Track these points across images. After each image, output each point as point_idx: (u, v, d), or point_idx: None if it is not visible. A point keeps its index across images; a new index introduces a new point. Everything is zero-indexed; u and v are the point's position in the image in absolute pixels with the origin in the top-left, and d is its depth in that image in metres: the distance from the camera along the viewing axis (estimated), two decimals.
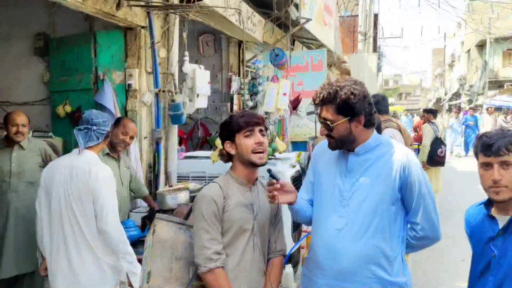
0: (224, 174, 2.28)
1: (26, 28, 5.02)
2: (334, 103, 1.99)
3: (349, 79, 2.08)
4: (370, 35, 18.76)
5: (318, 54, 7.99)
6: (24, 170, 3.68)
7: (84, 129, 2.85)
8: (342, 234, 2.03)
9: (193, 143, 6.92)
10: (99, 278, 2.81)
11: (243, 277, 2.13)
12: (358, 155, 2.07)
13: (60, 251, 2.81)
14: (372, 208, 2.01)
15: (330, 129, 2.03)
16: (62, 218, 2.78)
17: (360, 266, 2.00)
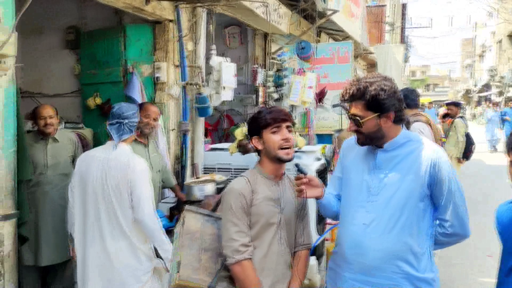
0: (252, 169, 2.31)
1: (57, 22, 5.14)
2: (364, 99, 1.99)
3: (378, 75, 2.07)
4: (397, 25, 18.44)
5: (345, 46, 7.92)
6: (59, 162, 3.79)
7: (116, 124, 2.94)
8: (369, 229, 2.04)
9: (219, 134, 6.98)
10: (135, 264, 2.92)
11: (269, 269, 2.17)
12: (386, 151, 2.07)
13: (95, 239, 2.91)
14: (400, 204, 2.01)
15: (359, 125, 2.03)
16: (99, 207, 2.89)
17: (387, 262, 2.01)
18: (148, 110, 3.78)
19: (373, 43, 14.51)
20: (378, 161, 2.08)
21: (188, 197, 3.78)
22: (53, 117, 3.77)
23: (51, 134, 3.77)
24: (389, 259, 2.00)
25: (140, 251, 2.93)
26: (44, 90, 5.19)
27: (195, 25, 4.90)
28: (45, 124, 3.70)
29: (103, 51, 4.76)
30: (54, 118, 3.78)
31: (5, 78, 2.65)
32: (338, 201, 2.27)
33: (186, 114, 4.78)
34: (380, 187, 2.05)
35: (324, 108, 7.41)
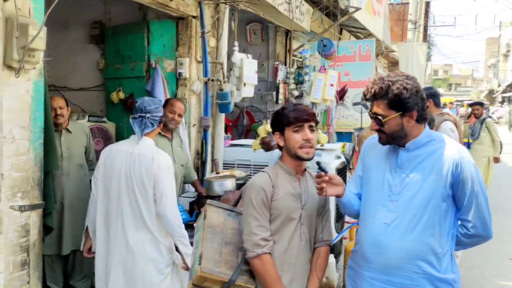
0: (274, 164, 2.33)
1: (83, 17, 5.23)
2: (386, 98, 1.97)
3: (401, 74, 2.05)
4: (420, 23, 18.19)
5: (366, 44, 7.87)
6: (73, 153, 3.84)
7: (138, 118, 2.99)
8: (390, 228, 2.03)
9: (238, 131, 7.02)
10: (156, 257, 2.96)
11: (289, 265, 2.19)
12: (408, 151, 2.06)
13: (117, 231, 2.96)
14: (422, 204, 2.00)
15: (381, 124, 2.02)
16: (122, 200, 2.94)
17: (407, 261, 2.00)
18: (174, 106, 3.82)
19: (395, 41, 14.35)
20: (400, 160, 2.07)
21: (208, 192, 3.82)
22: (63, 107, 3.78)
23: (63, 125, 3.80)
24: (410, 259, 1.99)
25: (161, 245, 2.97)
26: (69, 84, 5.29)
27: (217, 22, 4.93)
28: (55, 115, 3.68)
29: (127, 46, 4.83)
30: (65, 109, 3.78)
31: (34, 72, 2.71)
32: (359, 199, 2.27)
33: (208, 109, 4.82)
34: (402, 186, 2.04)
35: (344, 106, 7.39)
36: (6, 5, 2.49)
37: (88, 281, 4.06)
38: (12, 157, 2.60)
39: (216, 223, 2.34)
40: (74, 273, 4.04)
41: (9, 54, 2.49)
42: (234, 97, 4.94)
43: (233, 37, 4.88)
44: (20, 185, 2.67)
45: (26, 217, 2.71)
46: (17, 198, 2.65)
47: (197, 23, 4.63)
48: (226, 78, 4.88)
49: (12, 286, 2.66)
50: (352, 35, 10.35)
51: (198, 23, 4.63)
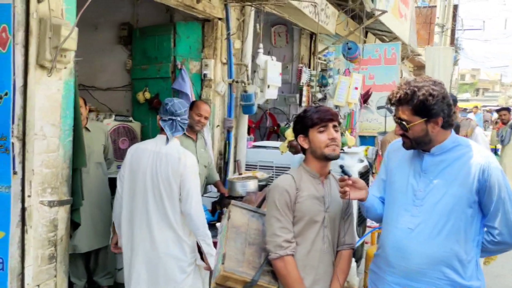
0: (298, 167, 2.34)
1: (112, 18, 5.33)
2: (411, 104, 1.95)
3: (427, 79, 2.03)
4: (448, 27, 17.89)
5: (392, 47, 7.80)
6: (93, 151, 3.90)
7: (169, 120, 3.04)
8: (414, 234, 2.01)
9: (261, 132, 7.04)
10: (179, 255, 3.00)
11: (311, 267, 2.19)
12: (434, 156, 2.04)
13: (142, 228, 3.01)
14: (447, 209, 1.97)
15: (405, 130, 2.00)
16: (147, 199, 2.99)
17: (431, 267, 1.98)
18: (201, 109, 3.87)
19: (422, 45, 14.16)
20: (425, 165, 2.05)
21: (231, 192, 3.85)
22: (82, 106, 3.79)
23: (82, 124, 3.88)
24: (434, 265, 1.97)
25: (185, 243, 3.00)
26: (97, 83, 5.40)
27: (243, 24, 4.97)
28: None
29: (154, 47, 4.91)
30: (83, 108, 3.81)
31: (65, 71, 2.79)
32: (382, 204, 2.25)
33: (231, 111, 4.86)
34: (426, 191, 2.02)
35: (368, 109, 7.33)
36: (40, 6, 2.57)
37: (111, 277, 4.14)
38: (42, 154, 2.68)
39: (240, 223, 2.36)
40: (97, 270, 4.12)
41: (42, 54, 2.57)
42: (258, 98, 4.97)
43: (258, 39, 4.91)
44: (50, 181, 2.75)
45: (54, 212, 2.79)
46: (46, 194, 2.73)
47: (222, 25, 4.68)
48: (250, 80, 4.91)
49: (40, 279, 2.74)
50: (378, 38, 10.26)
51: (223, 25, 4.68)
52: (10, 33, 2.51)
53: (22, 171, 2.58)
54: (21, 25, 2.51)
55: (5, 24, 2.51)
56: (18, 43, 2.52)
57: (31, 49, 2.54)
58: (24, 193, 2.58)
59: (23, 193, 2.58)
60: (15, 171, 2.56)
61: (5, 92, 2.54)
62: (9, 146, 2.54)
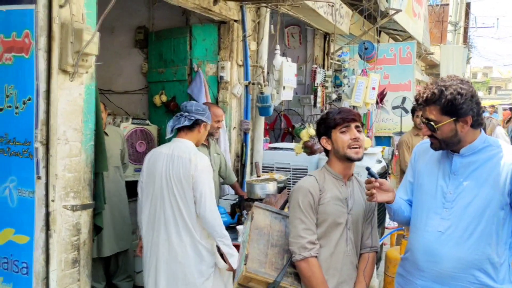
0: (320, 168, 2.33)
1: (128, 22, 5.36)
2: (439, 103, 1.91)
3: (454, 78, 1.98)
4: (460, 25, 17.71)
5: (407, 46, 7.73)
6: (111, 155, 3.91)
7: (177, 116, 3.04)
8: (444, 237, 1.97)
9: (275, 134, 7.03)
10: (197, 258, 2.98)
11: (335, 269, 2.18)
12: (463, 157, 1.99)
13: (160, 232, 3.01)
14: (478, 212, 1.93)
15: (434, 130, 1.96)
16: (164, 202, 2.98)
17: (463, 271, 1.94)
18: (218, 115, 3.86)
19: (434, 43, 14.04)
20: (454, 166, 2.00)
21: (250, 195, 3.84)
22: (103, 111, 3.85)
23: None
24: (465, 268, 1.93)
25: (203, 247, 2.98)
26: (114, 87, 5.43)
27: (258, 25, 4.96)
28: None
29: (170, 50, 4.93)
30: (104, 113, 3.88)
31: (87, 76, 2.80)
32: (409, 206, 2.22)
33: (248, 113, 4.85)
34: (456, 193, 1.98)
35: (384, 109, 7.28)
36: (62, 12, 2.58)
37: (131, 281, 4.15)
38: (65, 158, 2.69)
39: (263, 224, 2.36)
40: (117, 273, 4.14)
41: (64, 59, 2.58)
42: (273, 100, 4.96)
43: (274, 41, 4.90)
44: (72, 185, 2.76)
45: (77, 216, 2.80)
46: (69, 198, 2.74)
47: (238, 27, 4.68)
48: (266, 81, 4.90)
49: (64, 283, 2.75)
50: (391, 37, 10.19)
51: (239, 27, 4.67)
52: (33, 39, 2.52)
53: (45, 176, 2.59)
54: (43, 30, 2.53)
55: (28, 30, 2.52)
56: (41, 48, 2.53)
57: (53, 54, 2.55)
58: (48, 198, 2.59)
59: (47, 197, 2.59)
60: (39, 176, 2.57)
61: (28, 98, 2.56)
62: (32, 151, 2.56)
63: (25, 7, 2.53)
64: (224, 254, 2.97)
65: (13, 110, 2.60)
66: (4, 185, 2.66)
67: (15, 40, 2.57)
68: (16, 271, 2.65)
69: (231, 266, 2.97)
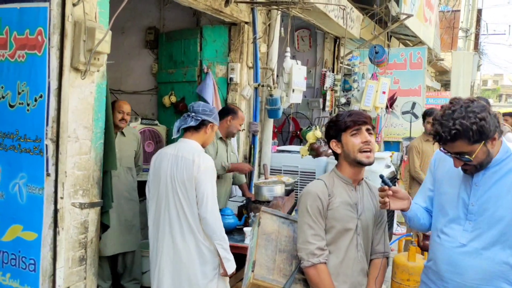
0: (329, 172, 2.29)
1: (139, 22, 5.38)
2: (466, 136, 1.82)
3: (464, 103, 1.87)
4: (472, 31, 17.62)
5: (418, 51, 7.69)
6: (124, 155, 3.95)
7: (184, 116, 3.03)
8: (467, 248, 1.93)
9: (283, 137, 7.02)
10: (199, 259, 2.96)
11: (345, 276, 2.14)
12: (486, 168, 1.95)
13: (165, 232, 3.00)
14: (501, 224, 1.89)
15: (469, 161, 1.89)
16: (169, 202, 2.97)
17: (486, 282, 1.90)
18: (243, 120, 4.02)
19: (444, 50, 13.96)
20: (477, 178, 1.96)
21: (257, 197, 3.83)
22: (129, 114, 4.00)
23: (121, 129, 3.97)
24: (489, 280, 1.90)
25: (205, 248, 2.95)
26: (124, 87, 5.45)
27: (269, 28, 4.96)
28: (121, 119, 3.91)
29: (180, 51, 4.94)
30: (129, 116, 4.00)
31: (98, 74, 2.81)
32: (427, 213, 2.18)
33: (257, 115, 4.85)
34: (478, 204, 1.94)
35: (393, 114, 7.24)
36: (75, 10, 2.59)
37: (138, 283, 4.14)
38: (75, 156, 2.70)
39: (271, 230, 2.32)
40: (124, 274, 4.13)
41: (76, 57, 2.59)
42: (283, 103, 4.95)
43: (285, 44, 4.89)
44: (82, 183, 2.76)
45: (85, 214, 2.81)
46: (78, 196, 2.75)
47: (249, 29, 4.68)
48: (276, 84, 4.89)
49: (70, 281, 2.75)
50: (401, 42, 10.14)
51: (250, 29, 4.67)
52: (45, 36, 2.54)
53: (55, 173, 2.60)
54: (56, 28, 2.54)
55: (41, 27, 2.54)
56: (54, 46, 2.54)
57: (66, 52, 2.57)
58: (56, 195, 2.60)
59: (56, 194, 2.60)
60: (49, 173, 2.59)
61: (40, 95, 2.57)
62: (43, 148, 2.57)
63: (38, 5, 2.55)
64: (221, 257, 2.94)
65: (24, 107, 2.62)
66: (14, 181, 2.68)
67: (28, 38, 2.59)
68: (23, 267, 2.66)
69: (225, 270, 2.93)
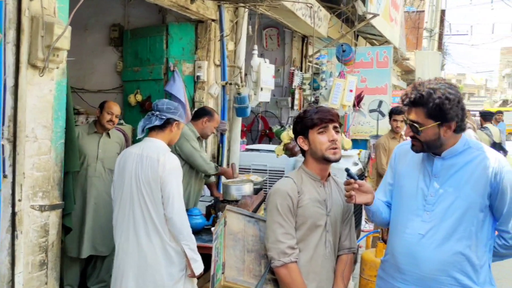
0: (297, 169, 2.27)
1: (102, 19, 5.26)
2: (426, 106, 1.87)
3: (442, 81, 1.95)
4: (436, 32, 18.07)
5: (384, 50, 7.82)
6: (108, 157, 3.87)
7: (149, 115, 2.95)
8: (425, 239, 1.95)
9: (253, 136, 7.00)
10: (165, 261, 2.88)
11: (314, 273, 2.12)
12: (444, 159, 1.98)
13: (130, 233, 2.91)
14: (458, 214, 1.92)
15: (417, 132, 1.93)
16: (133, 203, 2.89)
17: (444, 273, 1.92)
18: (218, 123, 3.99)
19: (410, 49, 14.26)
20: (435, 169, 1.99)
21: (225, 196, 3.78)
22: (118, 116, 3.95)
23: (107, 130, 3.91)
24: (446, 271, 1.92)
25: (171, 248, 2.87)
26: (88, 86, 5.32)
27: (236, 25, 4.92)
28: (109, 120, 3.85)
29: (146, 49, 4.85)
30: (117, 119, 3.95)
31: (57, 71, 2.71)
32: (387, 208, 2.19)
33: (225, 113, 4.81)
34: (437, 196, 1.96)
35: (361, 113, 7.33)
36: (32, 4, 2.49)
37: (105, 286, 4.04)
38: (34, 157, 2.59)
39: (237, 229, 2.27)
40: (92, 276, 4.03)
41: (34, 53, 2.49)
42: (251, 101, 4.92)
43: (252, 41, 4.87)
44: (41, 185, 2.66)
45: (46, 217, 2.70)
46: (37, 198, 2.64)
47: (216, 26, 4.63)
48: (244, 82, 4.86)
49: (31, 286, 2.65)
50: (368, 42, 10.30)
51: (217, 26, 4.62)
52: (0, 32, 2.42)
53: (12, 175, 2.48)
54: (12, 23, 2.43)
55: None
56: (9, 42, 2.43)
57: (22, 48, 2.46)
58: (14, 197, 2.49)
59: (14, 197, 2.49)
60: (5, 175, 2.47)
61: None
62: None
63: None
64: (188, 258, 2.88)
65: None
66: None
67: None
68: None
69: (193, 271, 2.87)
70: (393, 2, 8.64)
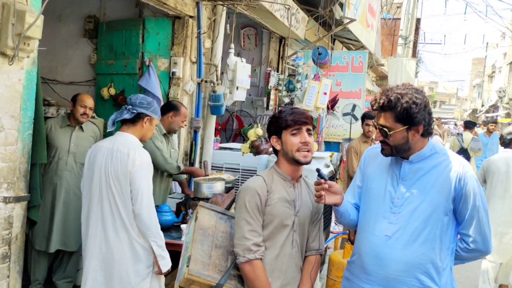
0: (269, 169, 2.29)
1: (77, 10, 5.16)
2: (394, 111, 1.94)
3: (409, 86, 2.01)
4: (410, 39, 18.43)
5: (359, 55, 7.93)
6: (80, 151, 3.79)
7: (122, 109, 2.91)
8: (391, 241, 2.00)
9: (227, 134, 6.99)
10: (132, 257, 2.85)
11: (279, 271, 2.15)
12: (412, 163, 2.04)
13: (98, 228, 2.87)
14: (424, 217, 1.98)
15: (386, 136, 1.99)
16: (102, 197, 2.85)
17: (408, 274, 1.98)
18: (186, 116, 3.92)
19: (385, 55, 14.50)
20: (403, 172, 2.04)
21: (196, 194, 3.76)
22: (92, 108, 3.87)
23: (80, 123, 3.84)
24: (410, 272, 1.97)
25: (138, 245, 2.84)
26: (60, 77, 5.21)
27: (214, 23, 4.91)
28: (83, 113, 3.78)
29: (121, 42, 4.78)
30: (91, 111, 3.87)
31: (28, 61, 2.65)
32: (356, 210, 2.24)
33: (199, 111, 4.79)
34: (404, 198, 2.01)
35: (334, 116, 7.41)
36: None
37: (71, 282, 3.96)
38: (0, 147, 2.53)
39: (208, 225, 2.29)
40: (58, 271, 3.95)
41: (4, 41, 2.43)
42: (226, 100, 4.91)
43: (229, 40, 4.86)
44: (6, 176, 2.59)
45: (10, 209, 2.64)
46: (2, 189, 2.58)
47: (193, 23, 4.60)
48: (219, 80, 4.85)
49: None
50: (345, 46, 10.42)
51: (194, 23, 4.60)
52: None
53: None
54: None
55: None
56: None
57: None
58: None
59: None
60: None
61: None
62: None
63: None
64: (155, 255, 2.86)
65: None
66: None
67: None
68: None
69: (160, 269, 2.85)
70: (370, 8, 8.76)
